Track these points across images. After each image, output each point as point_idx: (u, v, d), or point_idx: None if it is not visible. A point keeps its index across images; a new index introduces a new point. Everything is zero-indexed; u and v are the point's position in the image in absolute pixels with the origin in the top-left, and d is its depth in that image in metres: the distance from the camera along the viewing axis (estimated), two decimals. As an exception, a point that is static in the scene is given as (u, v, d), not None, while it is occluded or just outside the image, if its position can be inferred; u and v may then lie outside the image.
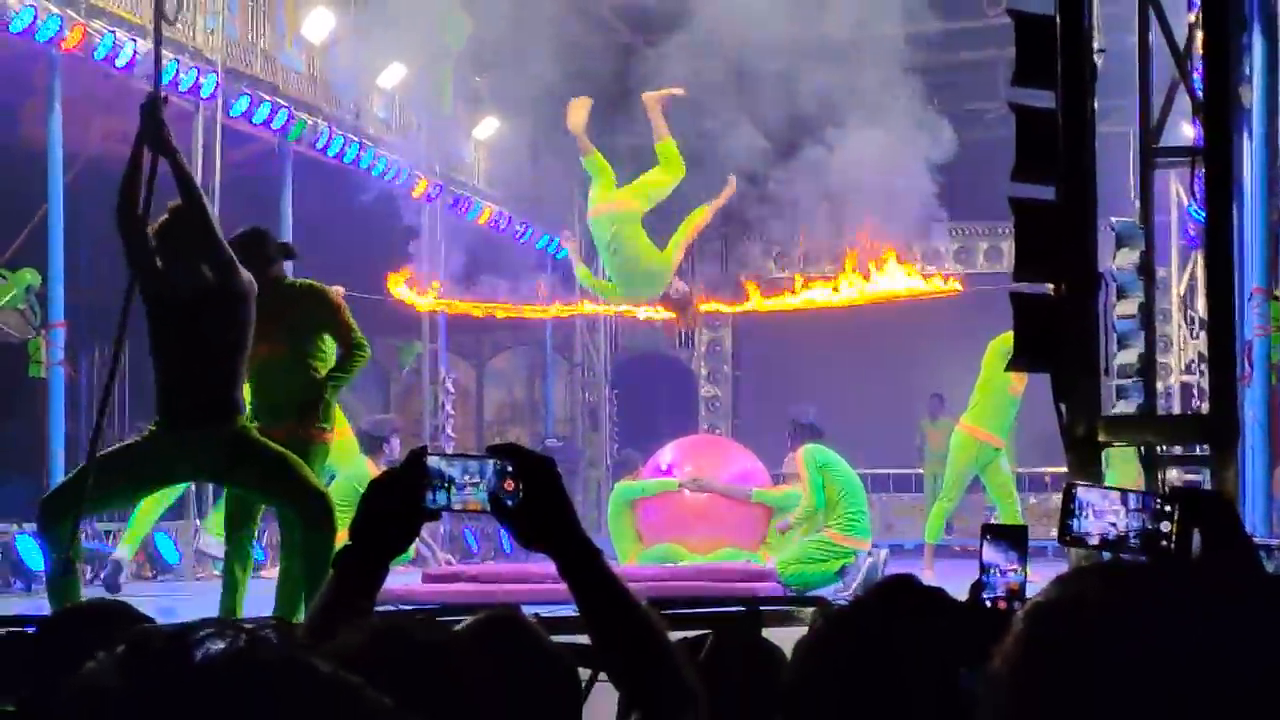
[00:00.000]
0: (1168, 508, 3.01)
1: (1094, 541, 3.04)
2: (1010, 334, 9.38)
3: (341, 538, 2.77)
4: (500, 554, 19.77)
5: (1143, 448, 9.55)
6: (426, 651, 2.15)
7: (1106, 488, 3.12)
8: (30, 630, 2.97)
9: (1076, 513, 3.05)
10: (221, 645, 1.32)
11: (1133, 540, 3.01)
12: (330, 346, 9.44)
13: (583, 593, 2.42)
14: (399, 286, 18.67)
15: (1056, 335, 8.59)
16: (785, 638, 3.07)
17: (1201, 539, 3.01)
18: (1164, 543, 2.99)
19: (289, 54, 18.16)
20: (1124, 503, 3.04)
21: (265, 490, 8.43)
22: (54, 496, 8.24)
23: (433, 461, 2.51)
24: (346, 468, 14.32)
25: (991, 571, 3.29)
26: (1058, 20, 8.64)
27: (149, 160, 7.81)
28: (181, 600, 11.92)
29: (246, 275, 8.14)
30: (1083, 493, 3.08)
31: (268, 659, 1.32)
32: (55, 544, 7.92)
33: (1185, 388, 19.64)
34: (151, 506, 13.15)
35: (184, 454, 8.07)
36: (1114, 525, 3.03)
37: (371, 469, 13.81)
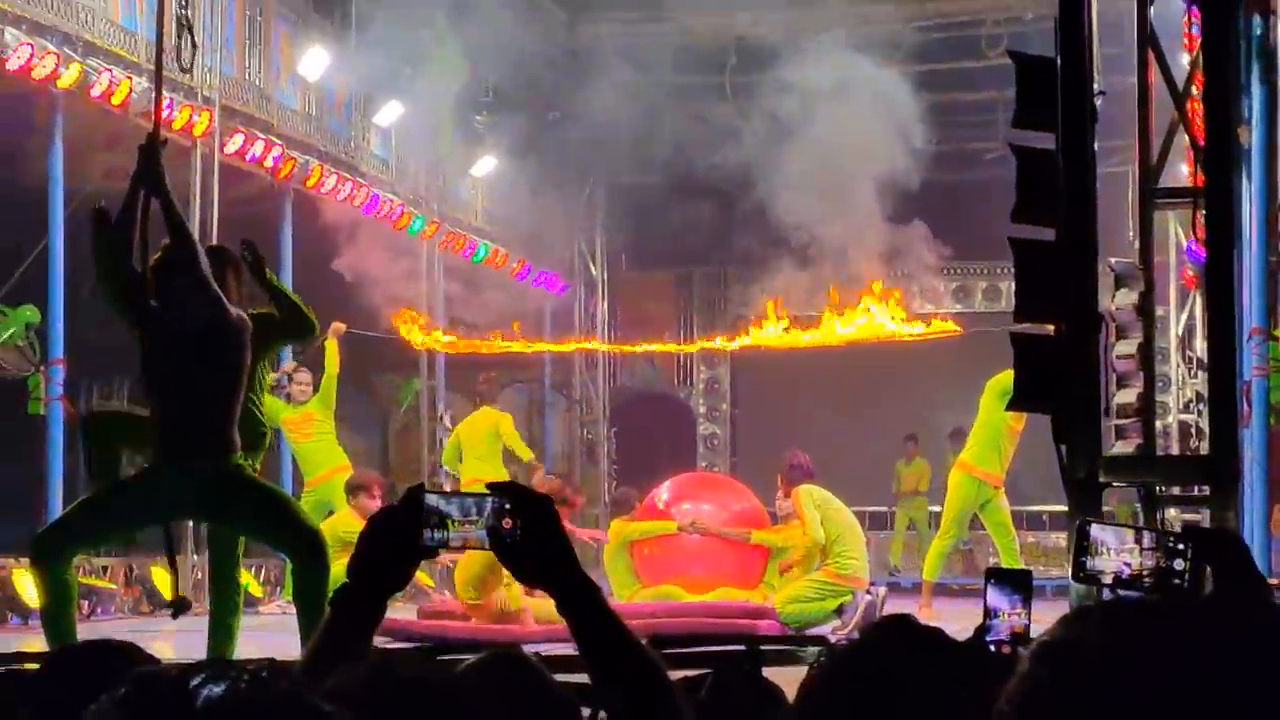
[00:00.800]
0: (1180, 545, 3.00)
1: (1108, 580, 3.02)
2: (1008, 373, 9.35)
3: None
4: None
5: (1142, 487, 9.54)
6: (427, 690, 2.13)
7: (1120, 525, 3.11)
8: (33, 668, 2.94)
9: (1090, 551, 3.04)
10: (223, 686, 1.31)
11: (1146, 578, 2.99)
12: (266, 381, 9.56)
13: (581, 629, 2.41)
14: (411, 331, 18.73)
15: (1056, 376, 8.58)
16: (785, 677, 3.06)
17: (1214, 576, 3.00)
18: (1177, 580, 2.98)
19: (284, 91, 18.16)
20: (1138, 540, 3.03)
21: (258, 528, 8.41)
22: (50, 532, 8.22)
23: (431, 499, 2.50)
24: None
25: (996, 615, 3.28)
26: (1058, 62, 8.66)
27: (143, 200, 7.83)
28: (178, 637, 11.86)
29: (236, 312, 8.11)
30: (1096, 531, 3.06)
31: (269, 698, 1.31)
32: (51, 579, 7.89)
33: (1184, 426, 19.63)
34: None
35: (178, 490, 8.04)
36: (1128, 564, 3.01)
37: (351, 515, 13.56)
